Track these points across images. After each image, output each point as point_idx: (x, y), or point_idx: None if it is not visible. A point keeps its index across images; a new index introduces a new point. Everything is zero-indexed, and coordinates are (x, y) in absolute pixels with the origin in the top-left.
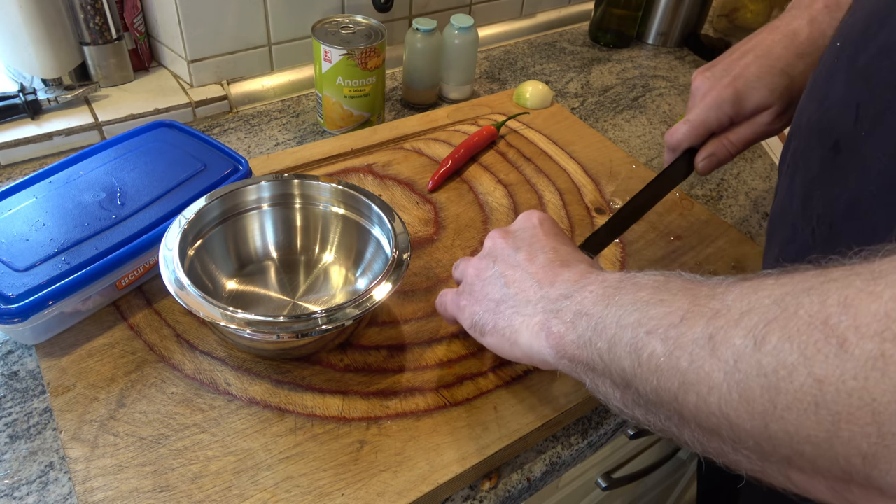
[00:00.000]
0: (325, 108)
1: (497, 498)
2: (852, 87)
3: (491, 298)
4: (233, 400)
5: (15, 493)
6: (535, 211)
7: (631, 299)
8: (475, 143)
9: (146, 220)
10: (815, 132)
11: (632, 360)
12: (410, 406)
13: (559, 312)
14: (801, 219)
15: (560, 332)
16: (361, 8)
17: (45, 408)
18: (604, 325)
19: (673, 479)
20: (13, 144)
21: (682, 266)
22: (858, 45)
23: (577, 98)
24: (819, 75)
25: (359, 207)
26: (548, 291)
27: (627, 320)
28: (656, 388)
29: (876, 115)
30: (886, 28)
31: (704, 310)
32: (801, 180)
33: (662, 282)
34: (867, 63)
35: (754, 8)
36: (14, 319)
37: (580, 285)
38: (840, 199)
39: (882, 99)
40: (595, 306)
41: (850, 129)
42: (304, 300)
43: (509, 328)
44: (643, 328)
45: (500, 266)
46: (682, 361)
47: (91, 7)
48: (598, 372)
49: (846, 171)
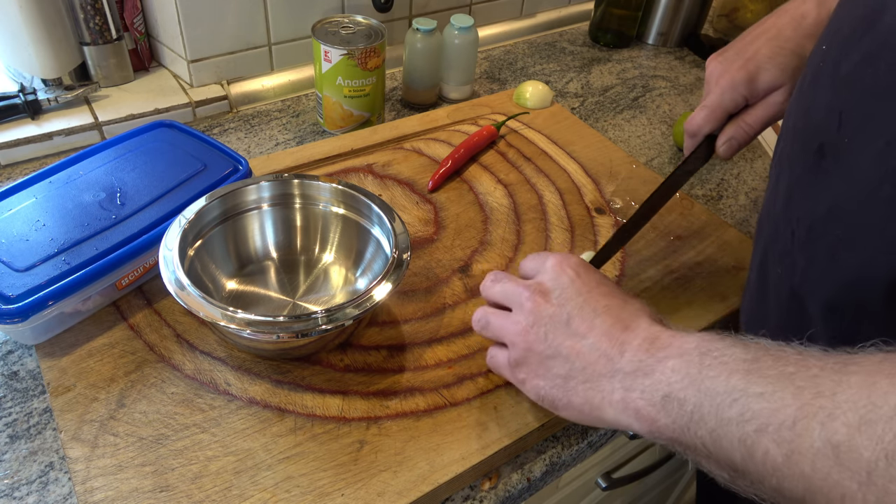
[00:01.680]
0: (325, 108)
1: (497, 498)
2: (836, 93)
3: (556, 374)
4: (233, 400)
5: (15, 493)
6: (564, 256)
7: (724, 387)
8: (475, 143)
9: (146, 220)
10: (800, 136)
11: (742, 455)
12: (410, 406)
13: (643, 392)
14: (782, 220)
15: (651, 415)
16: (361, 8)
17: (45, 408)
18: (700, 414)
19: (673, 479)
20: (13, 144)
21: (681, 266)
22: (843, 51)
23: (577, 98)
24: (806, 79)
25: (359, 207)
26: (619, 364)
27: (728, 413)
28: (777, 486)
29: (858, 123)
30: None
31: (815, 409)
32: (784, 183)
33: (751, 362)
34: (851, 70)
35: (754, 8)
36: (14, 319)
37: (656, 358)
38: (820, 204)
39: (864, 107)
40: (685, 390)
41: (833, 135)
42: (304, 300)
43: (588, 405)
44: (750, 425)
45: (556, 338)
46: (804, 467)
47: (91, 7)
48: (701, 455)
49: (828, 176)
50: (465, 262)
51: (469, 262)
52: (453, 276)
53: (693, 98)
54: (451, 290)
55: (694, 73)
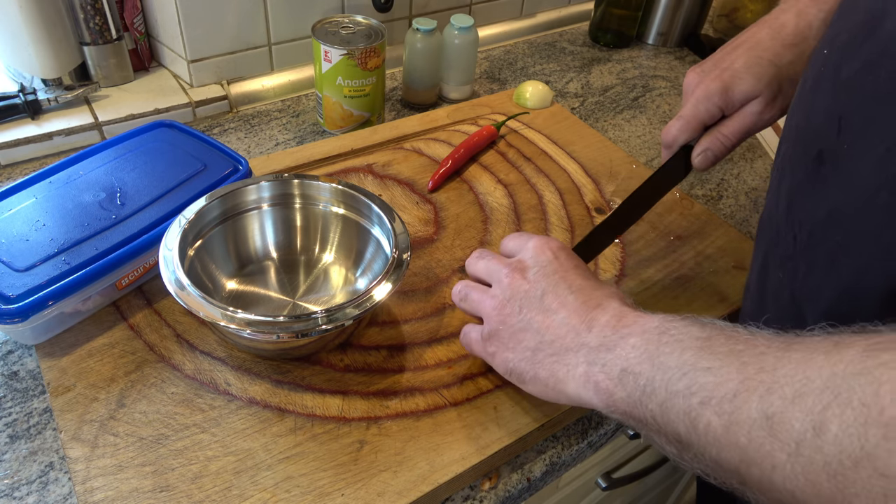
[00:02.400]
0: (325, 108)
1: (497, 498)
2: (836, 98)
3: (525, 347)
4: (233, 400)
5: (15, 493)
6: (546, 239)
7: (676, 361)
8: (475, 143)
9: (146, 220)
10: (800, 140)
11: (686, 427)
12: (410, 406)
13: (604, 366)
14: (784, 224)
15: (608, 387)
16: (361, 8)
17: (45, 408)
18: (652, 387)
19: (673, 479)
20: (13, 144)
21: (681, 266)
22: (844, 56)
23: (577, 98)
24: (806, 83)
25: (359, 207)
26: (586, 338)
27: (676, 386)
28: (716, 457)
29: (858, 129)
30: (871, 41)
31: (756, 383)
32: (786, 186)
33: (704, 340)
34: (851, 76)
35: (754, 8)
36: (14, 319)
37: (620, 335)
38: (820, 209)
39: (864, 113)
40: (640, 364)
41: (833, 140)
42: (304, 300)
43: (552, 378)
44: (695, 398)
45: (528, 312)
46: (740, 438)
47: (91, 7)
48: (651, 429)
49: (828, 182)
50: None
51: None
52: (453, 276)
53: None
54: (451, 290)
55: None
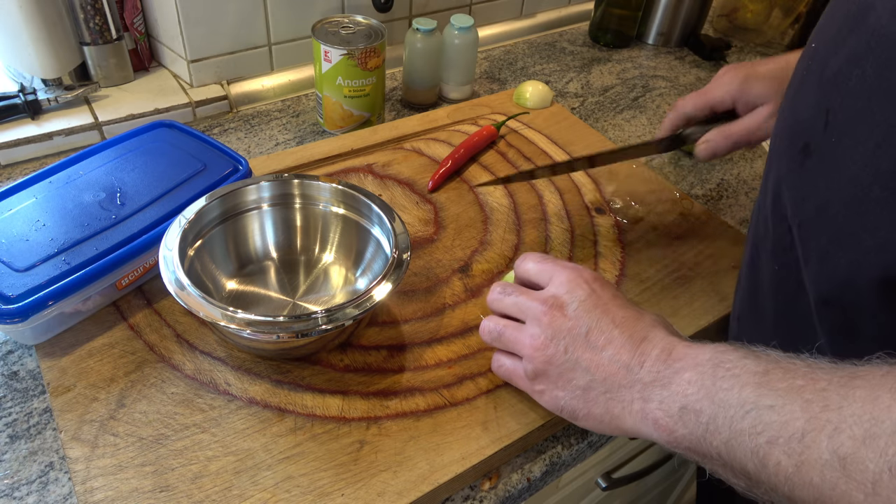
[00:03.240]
0: (325, 108)
1: (497, 498)
2: (823, 92)
3: (576, 385)
4: (233, 400)
5: (15, 493)
6: (578, 270)
7: (737, 398)
8: (475, 143)
9: (146, 220)
10: (787, 133)
11: (756, 465)
12: (410, 406)
13: (662, 403)
14: (771, 214)
15: (668, 425)
16: (361, 8)
17: (45, 408)
18: (716, 425)
19: (673, 479)
20: (13, 144)
21: (681, 266)
22: (830, 50)
23: (577, 98)
24: (795, 77)
25: (359, 207)
26: (639, 374)
27: (741, 425)
28: (789, 494)
29: (846, 123)
30: (855, 35)
31: (822, 423)
32: (772, 179)
33: (762, 374)
34: (837, 70)
35: (754, 8)
36: (14, 319)
37: (673, 369)
38: (809, 202)
39: (852, 108)
40: (700, 402)
41: (819, 133)
42: (304, 300)
43: (608, 415)
44: (762, 437)
45: (574, 350)
46: (813, 477)
47: (91, 7)
48: (717, 464)
49: (815, 175)
50: (465, 262)
51: (469, 262)
52: (453, 276)
53: None
54: (451, 290)
55: (694, 73)
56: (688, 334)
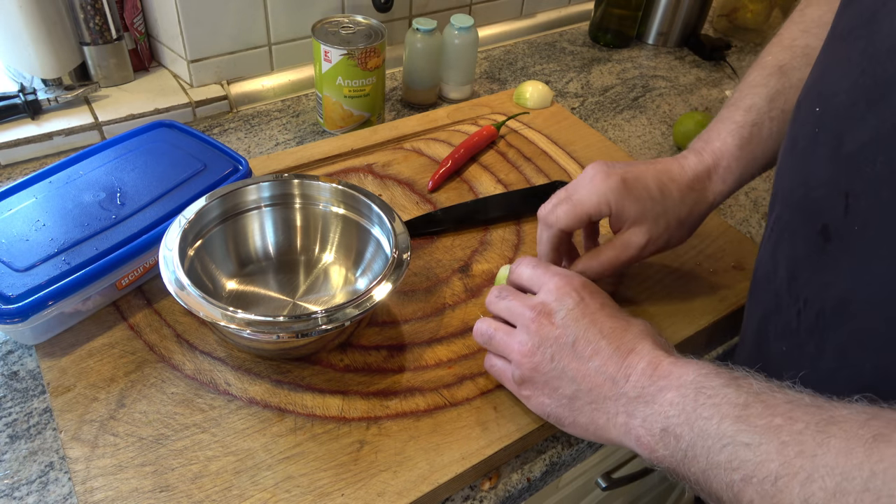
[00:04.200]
0: (325, 108)
1: (497, 498)
2: (840, 171)
3: (562, 394)
4: (233, 400)
5: (15, 493)
6: (568, 277)
7: (716, 430)
8: (475, 143)
9: (146, 220)
10: (800, 209)
11: (730, 498)
12: (410, 406)
13: (644, 421)
14: (786, 294)
15: (650, 444)
16: (361, 8)
17: (45, 408)
18: (694, 453)
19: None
20: (13, 144)
21: (682, 266)
22: (844, 124)
23: (577, 98)
24: (796, 142)
25: (359, 207)
26: (624, 388)
27: (718, 458)
28: None
29: (870, 212)
30: (876, 114)
31: (796, 469)
32: (786, 255)
33: (742, 408)
34: (857, 150)
35: (754, 8)
36: (14, 319)
37: (657, 386)
38: (830, 291)
39: (877, 196)
40: (680, 427)
41: (839, 218)
42: (304, 300)
43: (593, 424)
44: (737, 473)
45: (561, 359)
46: None
47: (91, 7)
48: (695, 487)
49: (838, 263)
50: (465, 262)
51: (469, 262)
52: (453, 276)
53: (693, 98)
54: (451, 290)
55: (694, 73)
56: (687, 334)
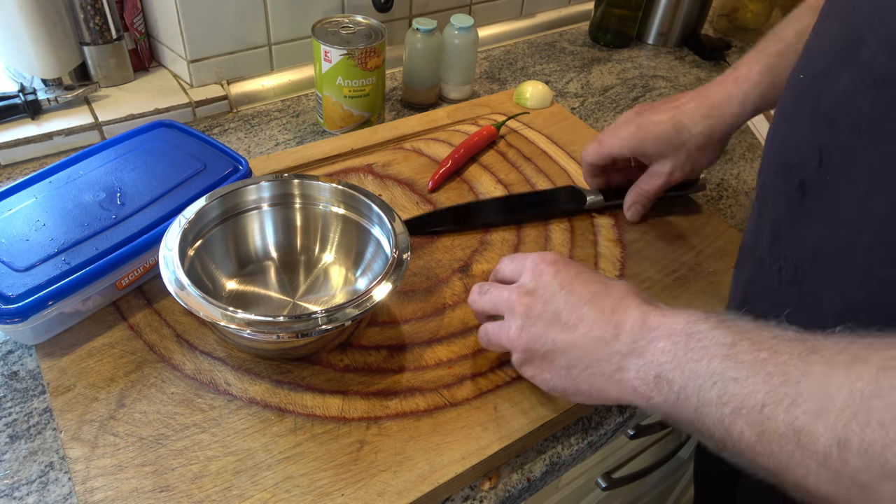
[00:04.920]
0: (325, 108)
1: (497, 498)
2: (816, 129)
3: (559, 366)
4: (233, 400)
5: (15, 493)
6: (541, 255)
7: (706, 370)
8: (475, 143)
9: (146, 220)
10: (780, 171)
11: (722, 433)
12: (410, 406)
13: (639, 372)
14: (768, 255)
15: (645, 392)
16: (361, 8)
17: (45, 408)
18: (686, 394)
19: (673, 479)
20: (13, 144)
21: (681, 266)
22: (820, 86)
23: (577, 98)
24: (785, 109)
25: (359, 207)
26: (615, 346)
27: (709, 395)
28: (753, 460)
29: (840, 163)
30: (848, 71)
31: (780, 396)
32: (768, 217)
33: (729, 346)
34: (830, 107)
35: (754, 8)
36: (14, 319)
37: (648, 338)
38: (807, 242)
39: (845, 147)
40: (672, 371)
41: (813, 172)
42: (304, 300)
43: (594, 389)
44: (727, 407)
45: (549, 333)
46: (773, 447)
47: (91, 7)
48: (692, 428)
49: (813, 214)
50: (465, 262)
51: (469, 262)
52: (453, 276)
53: None
54: (451, 290)
55: (694, 73)
56: None
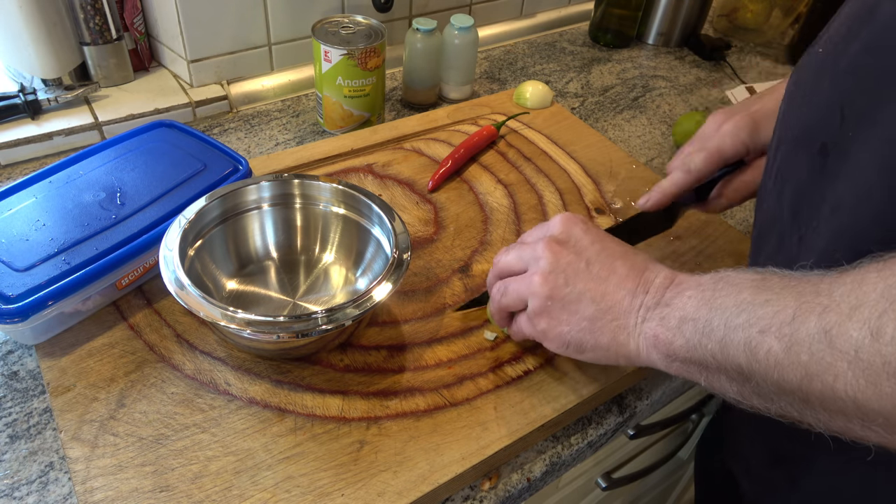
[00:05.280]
0: (325, 108)
1: (497, 498)
2: (836, 88)
3: (582, 317)
4: (233, 400)
5: (15, 493)
6: (569, 214)
7: (734, 301)
8: (475, 143)
9: (146, 220)
10: (800, 139)
11: (748, 357)
12: (410, 406)
13: (663, 319)
14: (788, 227)
15: (667, 338)
16: (361, 8)
17: (45, 408)
18: (711, 328)
19: (673, 479)
20: (13, 144)
21: (682, 266)
22: (840, 48)
23: (577, 98)
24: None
25: (359, 207)
26: (644, 299)
27: (735, 321)
28: (778, 380)
29: (862, 114)
30: (868, 27)
31: (813, 306)
32: (790, 189)
33: (760, 280)
34: (850, 62)
35: (754, 8)
36: (14, 319)
37: (676, 291)
38: (826, 205)
39: (867, 97)
40: (698, 311)
41: (835, 130)
42: (304, 300)
43: (614, 342)
44: (755, 328)
45: (578, 282)
46: (801, 356)
47: (91, 7)
48: (711, 370)
49: (835, 174)
50: (465, 262)
51: (469, 262)
52: (453, 276)
53: (693, 98)
54: (451, 290)
55: (694, 73)
56: None
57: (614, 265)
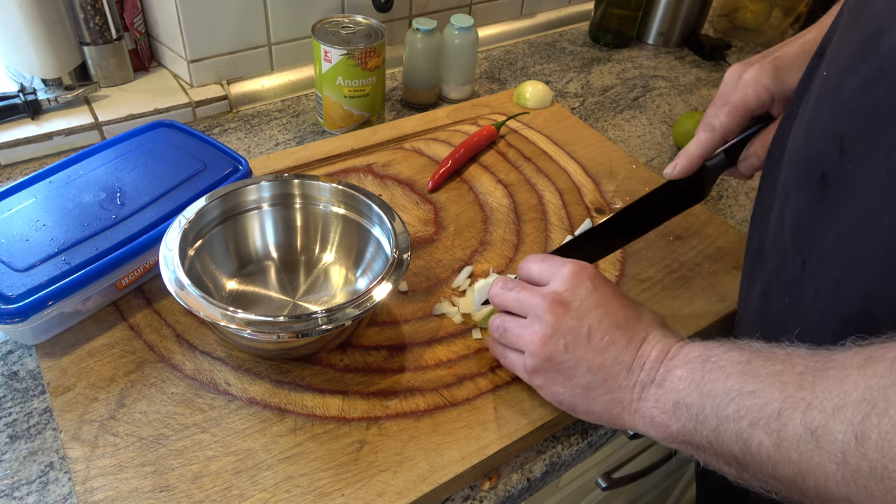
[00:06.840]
0: (325, 108)
1: (497, 498)
2: (836, 119)
3: (577, 384)
4: (233, 400)
5: (15, 493)
6: (580, 267)
7: (722, 388)
8: (475, 143)
9: (146, 220)
10: (802, 164)
11: (741, 448)
12: (410, 406)
13: (658, 401)
14: (791, 249)
15: (664, 421)
16: (361, 8)
17: (45, 408)
18: (704, 415)
19: (673, 479)
20: (13, 144)
21: (681, 266)
22: (842, 76)
23: (577, 98)
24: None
25: (359, 207)
26: (639, 376)
27: (726, 411)
28: (773, 473)
29: (861, 150)
30: (868, 61)
31: (797, 401)
32: (791, 211)
33: (745, 364)
34: (850, 96)
35: (754, 8)
36: (14, 319)
37: (667, 368)
38: (829, 232)
39: (866, 133)
40: (690, 395)
41: (835, 162)
42: (304, 300)
43: (607, 413)
44: (745, 420)
45: (576, 350)
46: (791, 454)
47: (91, 7)
48: (709, 454)
49: (836, 205)
50: (465, 262)
51: (469, 263)
52: (453, 276)
53: (693, 98)
54: (451, 290)
55: (694, 73)
56: (687, 335)
57: (615, 336)
